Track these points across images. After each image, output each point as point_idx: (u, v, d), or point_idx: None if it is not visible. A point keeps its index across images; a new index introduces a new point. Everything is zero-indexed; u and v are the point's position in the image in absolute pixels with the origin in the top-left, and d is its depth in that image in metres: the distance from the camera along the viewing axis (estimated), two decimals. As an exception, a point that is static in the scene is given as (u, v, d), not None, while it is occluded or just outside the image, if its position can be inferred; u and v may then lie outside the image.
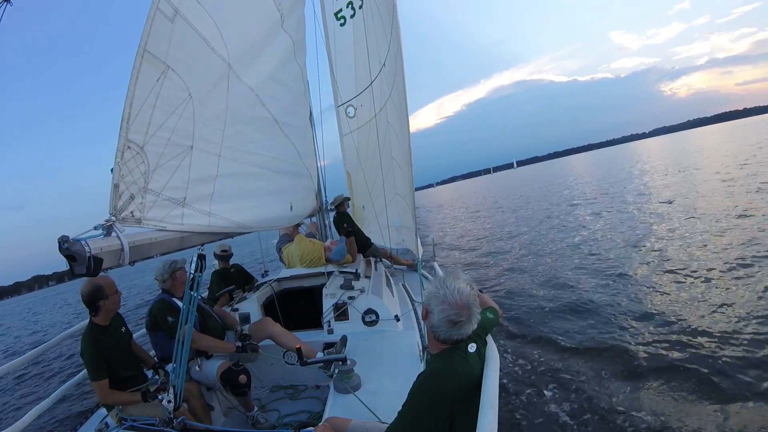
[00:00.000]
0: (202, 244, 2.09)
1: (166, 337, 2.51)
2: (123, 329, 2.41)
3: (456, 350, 1.33)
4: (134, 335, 2.62)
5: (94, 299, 2.19)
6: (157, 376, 2.37)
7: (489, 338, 1.52)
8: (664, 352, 3.57)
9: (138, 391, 2.20)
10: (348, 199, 5.19)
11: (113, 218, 1.55)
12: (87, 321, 3.23)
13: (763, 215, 7.26)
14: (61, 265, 1.44)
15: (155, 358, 2.75)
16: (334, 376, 2.16)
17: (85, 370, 2.77)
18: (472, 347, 1.35)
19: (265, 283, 3.77)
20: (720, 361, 3.26)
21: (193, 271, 1.92)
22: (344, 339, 2.61)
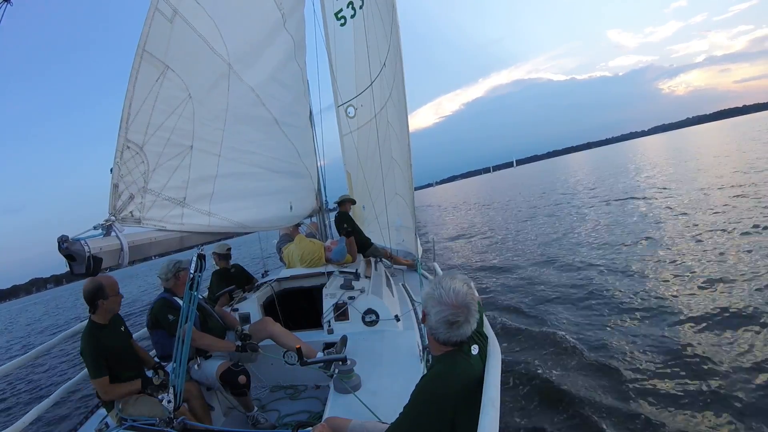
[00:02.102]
0: (202, 244, 2.09)
1: (166, 336, 2.52)
2: (122, 328, 2.40)
3: (458, 352, 1.31)
4: (134, 335, 2.62)
5: (93, 297, 2.19)
6: (156, 376, 2.37)
7: (490, 332, 1.49)
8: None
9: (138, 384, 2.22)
10: (353, 201, 5.16)
11: (112, 218, 1.54)
12: (87, 321, 3.24)
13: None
14: (59, 267, 1.43)
15: (155, 358, 2.75)
16: (334, 376, 2.16)
17: (85, 370, 2.78)
18: (474, 349, 1.34)
19: (265, 283, 3.77)
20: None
21: (192, 271, 1.92)
22: (344, 339, 2.61)
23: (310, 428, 1.64)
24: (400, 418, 1.29)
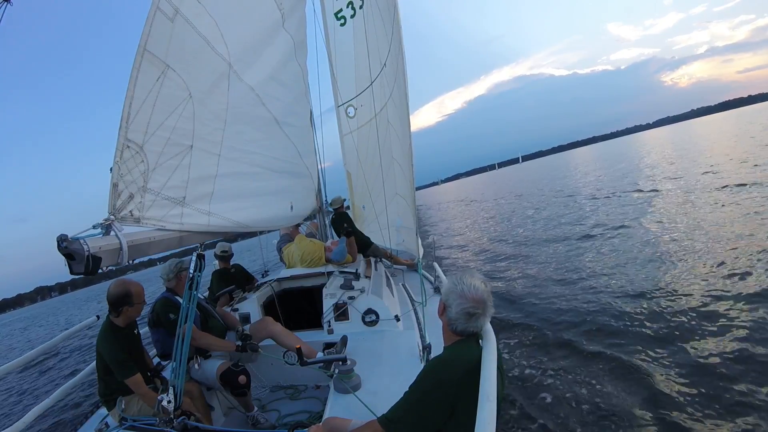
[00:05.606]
0: (201, 244, 2.09)
1: (166, 334, 2.52)
2: (135, 332, 2.42)
3: (469, 341, 1.42)
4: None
5: (119, 303, 2.20)
6: (153, 385, 2.37)
7: (487, 325, 1.53)
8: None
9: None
10: (342, 202, 5.24)
11: (112, 217, 1.54)
12: (88, 321, 3.25)
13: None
14: (64, 274, 1.42)
15: (156, 357, 2.76)
16: (334, 376, 2.15)
17: (85, 370, 2.78)
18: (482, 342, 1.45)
19: (266, 283, 3.76)
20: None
21: (192, 271, 1.92)
22: (344, 339, 2.61)
23: (307, 429, 1.64)
24: (406, 396, 1.36)
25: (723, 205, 8.45)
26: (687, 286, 4.85)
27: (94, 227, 1.49)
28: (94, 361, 2.34)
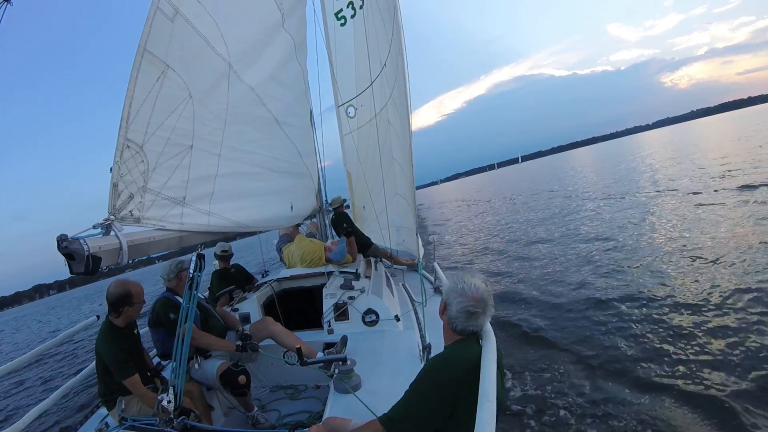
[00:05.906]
0: (202, 244, 2.09)
1: (166, 334, 2.53)
2: (135, 331, 2.42)
3: (469, 340, 1.43)
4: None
5: (119, 303, 2.20)
6: (154, 385, 2.37)
7: (487, 326, 1.52)
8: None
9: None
10: (342, 202, 5.25)
11: (112, 217, 1.54)
12: (88, 321, 3.25)
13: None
14: (62, 273, 1.42)
15: (156, 357, 2.76)
16: (334, 376, 2.16)
17: (85, 370, 2.78)
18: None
19: (266, 283, 3.76)
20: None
21: (192, 271, 1.92)
22: (344, 339, 2.61)
23: (307, 429, 1.64)
24: (407, 395, 1.36)
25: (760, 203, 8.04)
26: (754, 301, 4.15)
27: (94, 227, 1.49)
28: (94, 362, 2.34)
